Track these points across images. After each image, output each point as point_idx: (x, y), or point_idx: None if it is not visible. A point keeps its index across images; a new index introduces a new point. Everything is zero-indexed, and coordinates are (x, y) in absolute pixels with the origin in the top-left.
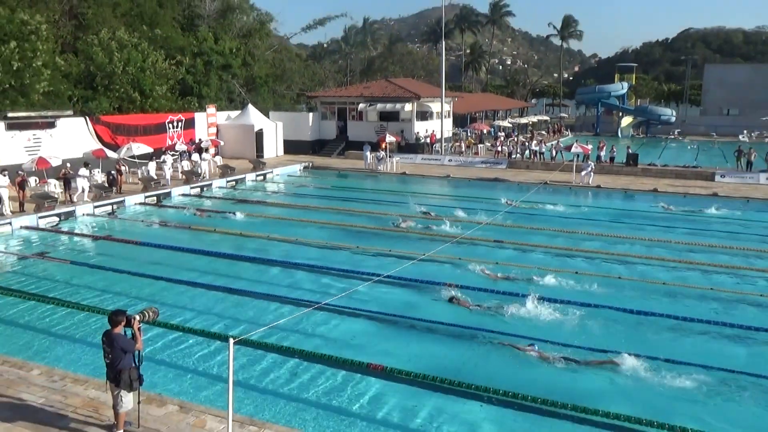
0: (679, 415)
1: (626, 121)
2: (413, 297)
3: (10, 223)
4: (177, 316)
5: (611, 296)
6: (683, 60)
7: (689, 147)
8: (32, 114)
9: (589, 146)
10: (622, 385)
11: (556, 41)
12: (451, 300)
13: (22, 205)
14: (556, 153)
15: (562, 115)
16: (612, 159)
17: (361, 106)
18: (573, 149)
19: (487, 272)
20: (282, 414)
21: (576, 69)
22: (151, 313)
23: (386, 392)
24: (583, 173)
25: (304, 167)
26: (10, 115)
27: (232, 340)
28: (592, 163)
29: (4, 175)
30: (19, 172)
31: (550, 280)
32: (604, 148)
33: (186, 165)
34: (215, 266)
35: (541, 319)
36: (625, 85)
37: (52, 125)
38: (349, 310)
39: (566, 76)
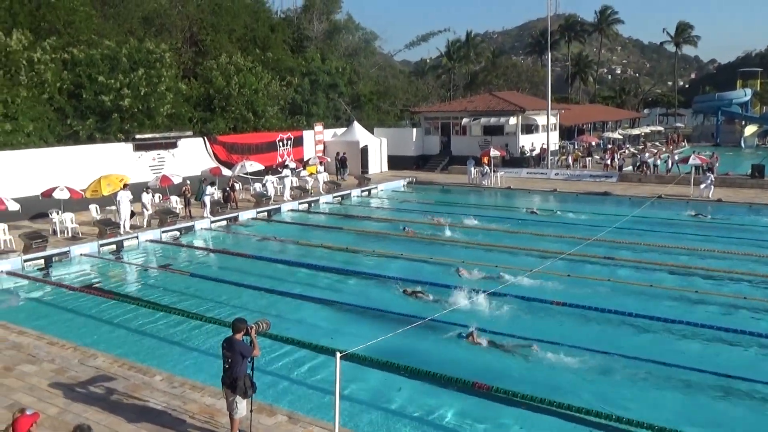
0: None
1: (750, 130)
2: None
3: (137, 237)
4: (286, 328)
5: None
6: None
7: None
8: (157, 135)
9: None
10: None
11: (670, 48)
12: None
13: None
14: (672, 165)
15: (678, 125)
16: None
17: (464, 120)
18: (691, 161)
19: (462, 271)
20: (387, 430)
21: (692, 76)
22: (264, 325)
23: (492, 411)
24: (702, 186)
25: (408, 182)
26: (137, 136)
27: (338, 354)
28: (712, 176)
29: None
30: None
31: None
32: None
33: (295, 181)
34: (321, 280)
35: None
36: (749, 91)
37: (174, 145)
38: (454, 325)
39: (681, 83)
